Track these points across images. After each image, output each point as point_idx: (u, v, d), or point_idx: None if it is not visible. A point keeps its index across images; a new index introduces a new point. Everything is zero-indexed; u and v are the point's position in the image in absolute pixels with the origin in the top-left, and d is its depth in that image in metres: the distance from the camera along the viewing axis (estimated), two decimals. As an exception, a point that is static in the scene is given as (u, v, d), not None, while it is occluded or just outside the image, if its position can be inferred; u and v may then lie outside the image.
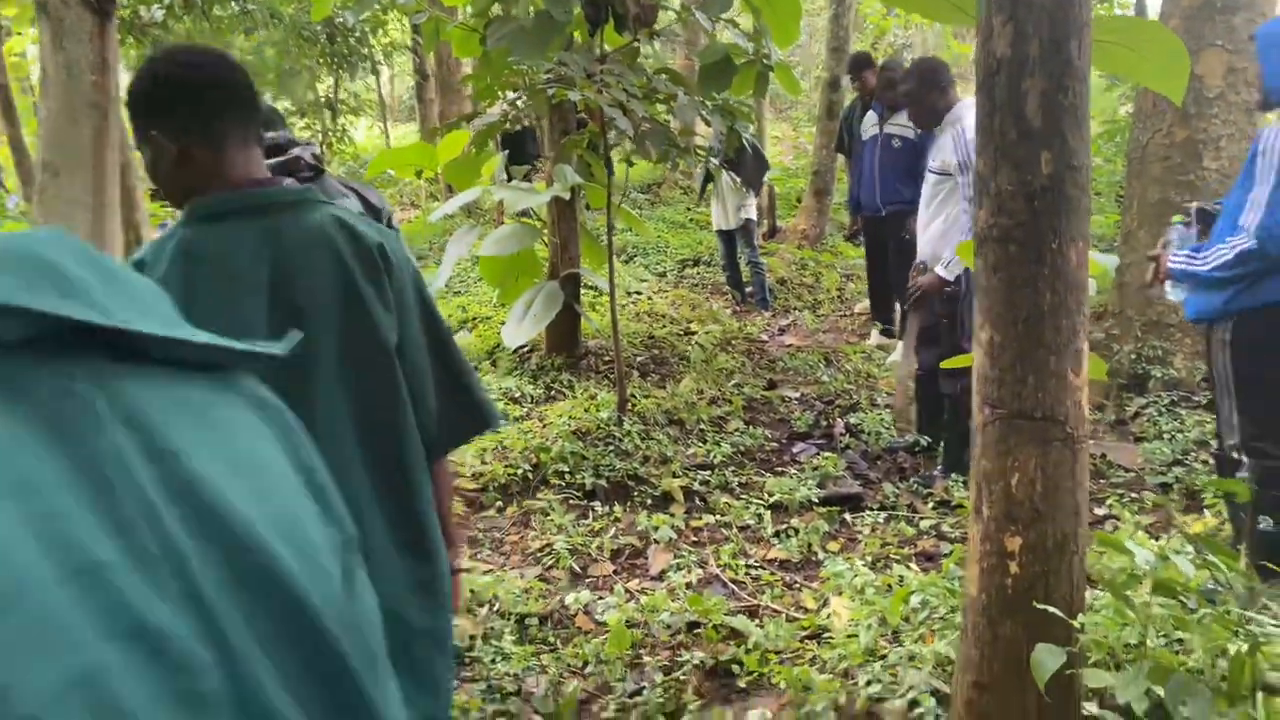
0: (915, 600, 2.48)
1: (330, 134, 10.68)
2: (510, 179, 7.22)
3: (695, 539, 3.69)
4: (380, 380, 1.44)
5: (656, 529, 3.67)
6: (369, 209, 2.39)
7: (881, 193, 5.61)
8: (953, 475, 3.91)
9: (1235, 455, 2.75)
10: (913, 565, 3.18)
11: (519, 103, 4.85)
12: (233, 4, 9.38)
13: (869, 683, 2.23)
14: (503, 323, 4.99)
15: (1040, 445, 1.86)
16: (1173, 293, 2.77)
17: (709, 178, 6.94)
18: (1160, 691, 1.80)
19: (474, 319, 6.81)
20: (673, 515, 3.84)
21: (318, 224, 1.42)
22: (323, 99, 10.47)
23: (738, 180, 6.48)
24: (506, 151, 7.60)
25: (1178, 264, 2.71)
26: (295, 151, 2.28)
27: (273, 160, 2.22)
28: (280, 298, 1.37)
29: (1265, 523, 2.62)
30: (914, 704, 2.10)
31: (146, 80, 1.37)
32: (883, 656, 2.35)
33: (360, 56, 10.96)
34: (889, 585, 3.00)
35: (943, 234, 3.89)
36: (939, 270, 3.83)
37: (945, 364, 2.54)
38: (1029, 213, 1.80)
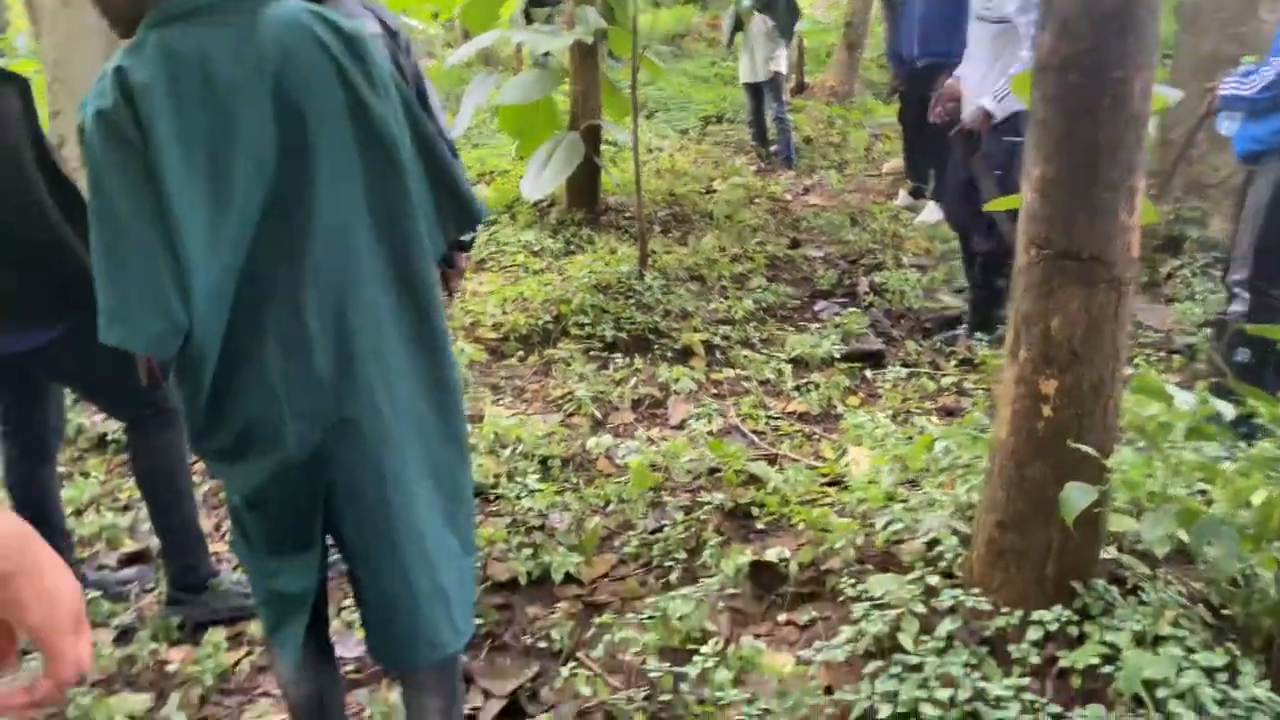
0: (939, 447, 2.48)
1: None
2: (530, 22, 6.93)
3: (715, 391, 3.70)
4: (391, 178, 1.39)
5: (677, 380, 3.68)
6: (387, 32, 2.28)
7: (920, 43, 5.35)
8: (977, 335, 3.87)
9: (1235, 290, 2.83)
10: (934, 418, 3.18)
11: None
12: None
13: (888, 524, 2.25)
14: (521, 177, 4.87)
15: (1085, 286, 1.80)
16: (1224, 125, 2.73)
17: (738, 24, 6.65)
18: (1184, 536, 1.81)
19: (492, 172, 6.68)
20: (693, 368, 3.84)
21: (292, 16, 1.34)
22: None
23: (770, 23, 6.19)
24: (525, -6, 7.27)
25: (1228, 88, 2.72)
26: None
27: None
28: (278, 98, 1.31)
29: (1243, 355, 2.73)
30: (934, 543, 2.12)
31: None
32: (903, 501, 2.37)
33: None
34: (909, 436, 3.01)
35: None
36: (985, 103, 3.62)
37: (989, 206, 2.44)
38: (1095, 38, 1.69)
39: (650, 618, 2.10)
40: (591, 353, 4.01)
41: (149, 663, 2.15)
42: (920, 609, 1.90)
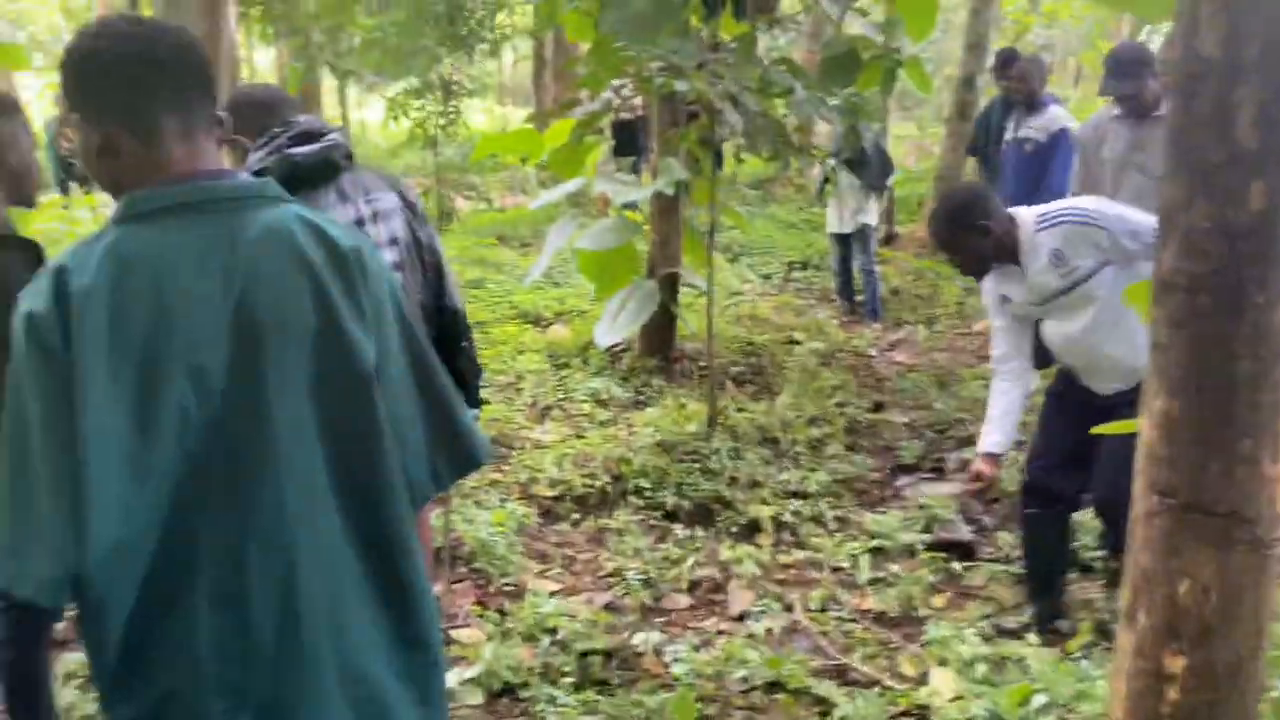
0: (1039, 700, 2.11)
1: (445, 115, 10.65)
2: (617, 169, 6.95)
3: (782, 577, 3.37)
4: (358, 415, 1.20)
5: (740, 562, 3.37)
6: (405, 204, 2.22)
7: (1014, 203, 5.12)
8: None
9: None
10: (1033, 636, 2.79)
11: (624, 91, 4.58)
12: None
13: (974, 795, 1.88)
14: (599, 317, 4.75)
15: (1219, 548, 1.48)
16: None
17: (827, 179, 6.56)
18: None
19: (570, 312, 6.63)
20: (759, 547, 3.53)
21: (279, 224, 1.19)
22: (441, 80, 10.46)
23: (859, 183, 6.08)
24: (614, 142, 7.38)
25: None
26: (334, 137, 2.10)
27: (312, 146, 2.03)
28: (239, 316, 1.14)
29: None
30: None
31: (67, 56, 1.18)
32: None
33: (478, 39, 10.88)
34: (1003, 659, 2.63)
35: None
36: None
37: (1098, 430, 2.06)
38: (1230, 257, 1.42)
39: None
40: (650, 522, 3.75)
41: None
42: None
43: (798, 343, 5.96)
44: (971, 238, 2.72)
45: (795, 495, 3.93)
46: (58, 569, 1.08)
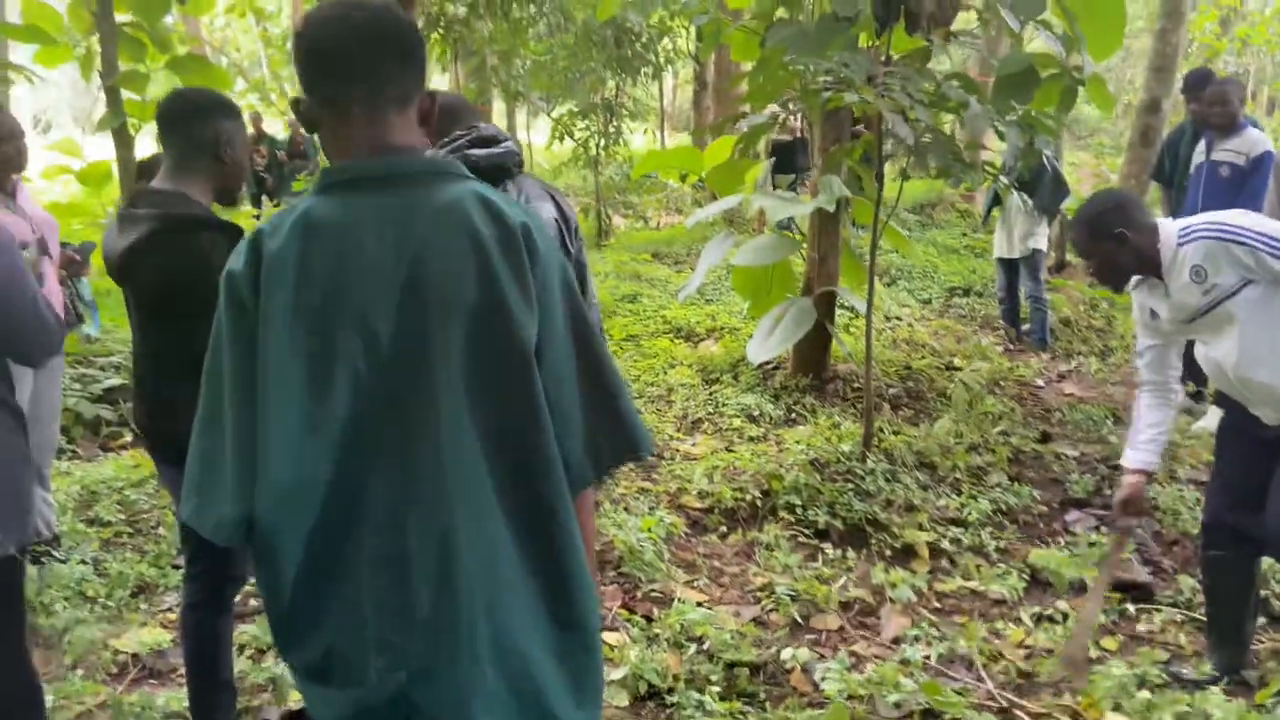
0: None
1: (605, 136, 10.92)
2: (775, 188, 6.93)
3: (938, 605, 3.24)
4: (514, 389, 1.21)
5: (894, 586, 3.26)
6: (561, 216, 2.31)
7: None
8: None
9: None
10: (1215, 686, 2.56)
11: (790, 105, 4.56)
12: (530, 6, 9.79)
13: (1156, 846, 1.74)
14: (751, 335, 4.73)
15: None
16: None
17: (996, 199, 6.32)
18: None
19: (722, 329, 6.62)
20: (914, 573, 3.40)
21: (456, 200, 1.22)
22: (605, 101, 10.74)
23: (1029, 204, 5.81)
24: (773, 159, 7.36)
25: None
26: (510, 145, 2.23)
27: (491, 149, 2.17)
28: (408, 285, 1.18)
29: None
30: None
31: (293, 37, 1.29)
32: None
33: (643, 61, 11.11)
34: (1185, 707, 2.43)
35: None
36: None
37: None
38: None
39: None
40: (800, 539, 3.68)
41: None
42: None
43: (957, 369, 5.74)
44: (1108, 245, 2.58)
45: (954, 523, 3.78)
46: (235, 510, 1.16)
